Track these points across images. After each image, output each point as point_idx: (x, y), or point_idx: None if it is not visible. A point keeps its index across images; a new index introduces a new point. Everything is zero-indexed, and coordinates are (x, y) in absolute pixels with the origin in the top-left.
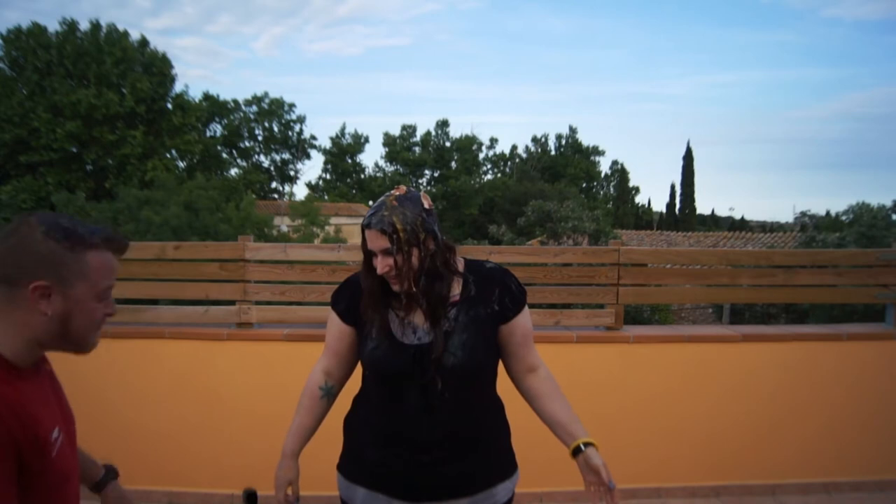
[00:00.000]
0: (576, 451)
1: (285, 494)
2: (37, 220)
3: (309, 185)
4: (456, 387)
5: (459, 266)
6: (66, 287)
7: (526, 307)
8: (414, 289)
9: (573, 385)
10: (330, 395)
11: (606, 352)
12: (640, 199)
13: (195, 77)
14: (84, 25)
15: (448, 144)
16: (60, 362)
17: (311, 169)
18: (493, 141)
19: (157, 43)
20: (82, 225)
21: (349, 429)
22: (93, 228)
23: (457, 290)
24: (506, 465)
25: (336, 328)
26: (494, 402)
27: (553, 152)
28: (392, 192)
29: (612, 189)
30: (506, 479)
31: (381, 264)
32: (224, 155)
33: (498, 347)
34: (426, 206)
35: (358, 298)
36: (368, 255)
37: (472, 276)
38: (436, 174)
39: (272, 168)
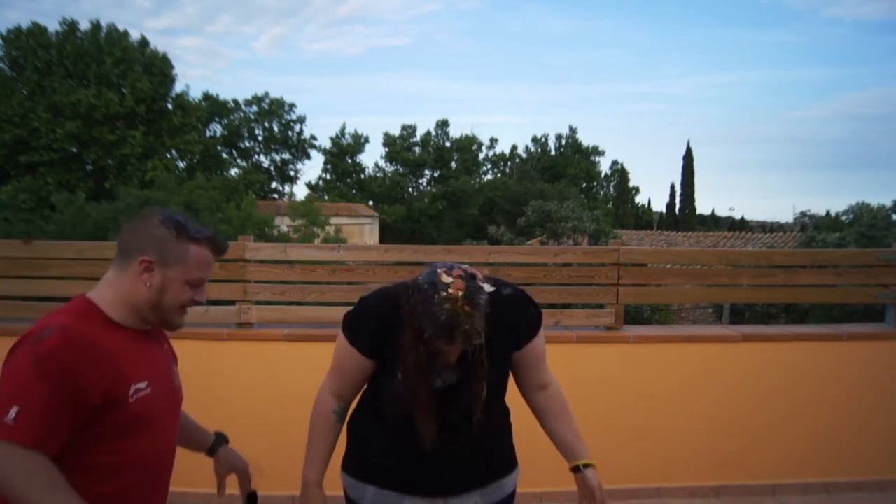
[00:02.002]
0: (575, 470)
1: None
2: (159, 211)
3: (309, 185)
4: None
5: None
6: (165, 266)
7: (541, 331)
8: None
9: (573, 385)
10: (342, 416)
11: (606, 352)
12: (640, 199)
13: (195, 77)
14: (84, 25)
15: (448, 144)
16: None
17: (311, 169)
18: (493, 141)
19: (158, 43)
20: (193, 223)
21: (356, 432)
22: (200, 228)
23: None
24: (509, 460)
25: (354, 361)
26: (502, 407)
27: (553, 152)
28: (451, 291)
29: (612, 189)
30: (511, 473)
31: (452, 357)
32: (224, 155)
33: (509, 372)
34: (485, 289)
35: (380, 334)
36: (426, 357)
37: (490, 308)
38: (436, 174)
39: (272, 168)
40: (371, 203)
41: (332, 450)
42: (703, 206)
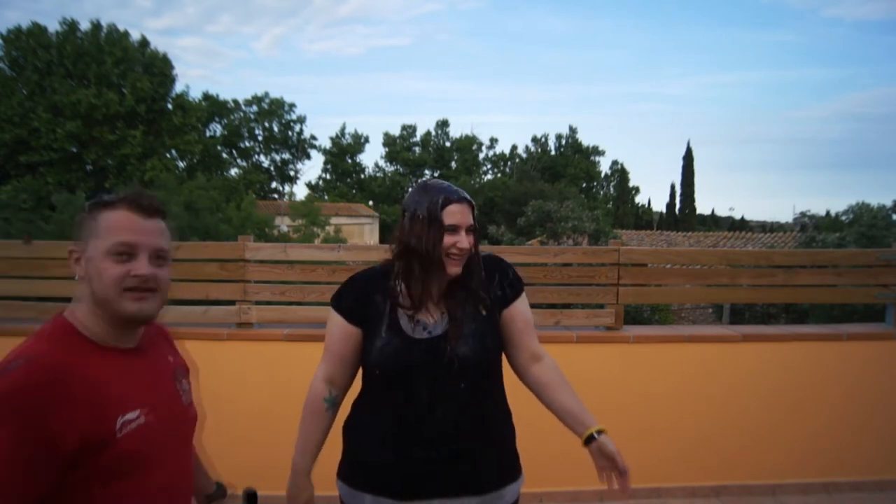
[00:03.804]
0: (589, 440)
1: None
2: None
3: (309, 185)
4: (467, 378)
5: None
6: (84, 247)
7: (524, 295)
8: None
9: (573, 385)
10: (334, 405)
11: (606, 352)
12: (640, 199)
13: (195, 77)
14: (84, 25)
15: (448, 144)
16: None
17: (311, 169)
18: (493, 141)
19: (158, 43)
20: (117, 194)
21: (351, 434)
22: (124, 194)
23: None
24: (513, 468)
25: (340, 330)
26: (502, 405)
27: (553, 152)
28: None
29: (612, 189)
30: (513, 482)
31: (466, 241)
32: (224, 155)
33: (501, 337)
34: None
35: (364, 297)
36: (441, 231)
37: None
38: (436, 174)
39: (272, 168)
40: (371, 203)
41: (323, 438)
42: (703, 206)
